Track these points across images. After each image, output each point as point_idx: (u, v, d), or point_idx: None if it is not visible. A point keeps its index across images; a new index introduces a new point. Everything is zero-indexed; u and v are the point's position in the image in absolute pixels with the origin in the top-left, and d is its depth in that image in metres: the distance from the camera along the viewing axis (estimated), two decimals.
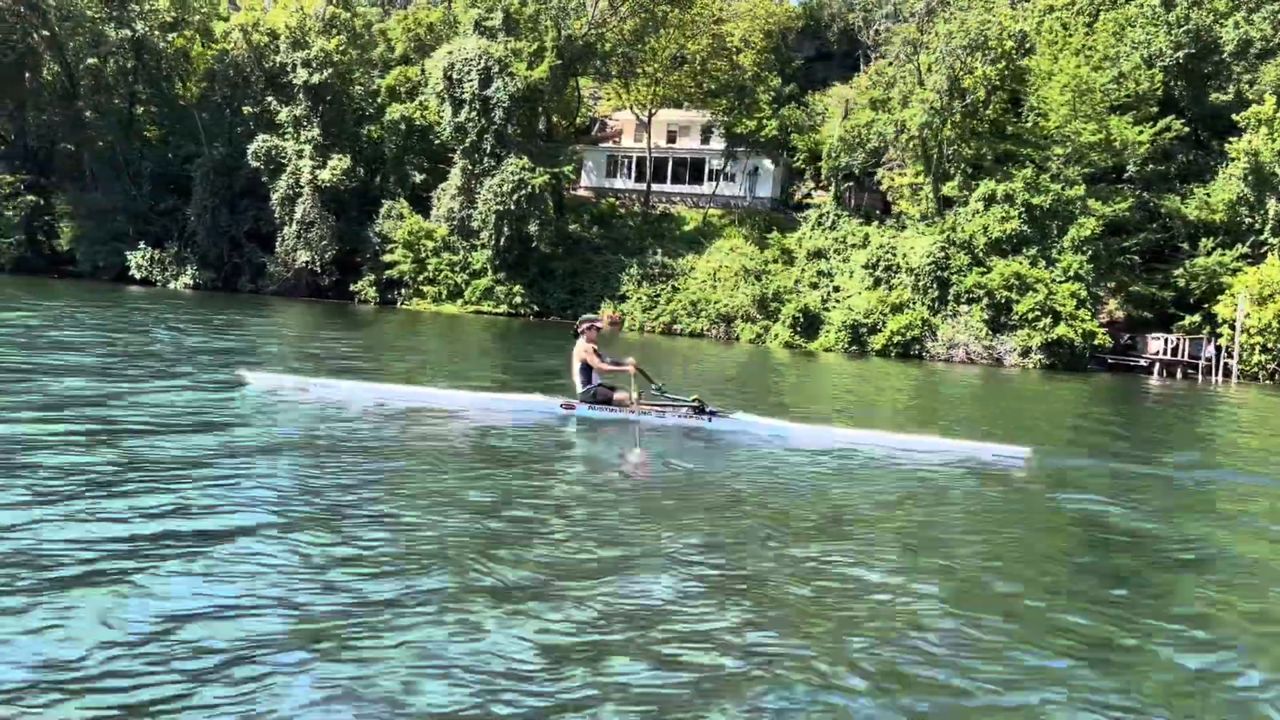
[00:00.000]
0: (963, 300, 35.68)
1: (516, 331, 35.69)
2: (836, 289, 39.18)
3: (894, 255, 37.59)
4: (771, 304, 37.79)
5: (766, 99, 52.15)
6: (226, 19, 52.13)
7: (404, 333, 29.71)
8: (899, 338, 35.03)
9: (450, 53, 45.48)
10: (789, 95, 55.74)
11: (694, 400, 10.42)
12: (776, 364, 27.14)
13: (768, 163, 55.14)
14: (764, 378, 21.69)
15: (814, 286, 39.80)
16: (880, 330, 35.66)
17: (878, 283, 37.61)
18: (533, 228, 44.91)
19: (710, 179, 57.10)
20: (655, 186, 56.13)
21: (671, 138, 59.40)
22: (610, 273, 46.87)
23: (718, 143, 57.94)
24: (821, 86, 61.03)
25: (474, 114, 45.04)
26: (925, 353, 35.48)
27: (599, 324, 10.74)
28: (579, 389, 10.41)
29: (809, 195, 60.31)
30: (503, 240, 45.03)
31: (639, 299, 45.28)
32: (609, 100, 61.37)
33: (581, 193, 57.42)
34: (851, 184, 43.60)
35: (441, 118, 47.43)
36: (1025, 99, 41.67)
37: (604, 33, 48.80)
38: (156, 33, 49.13)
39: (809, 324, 36.95)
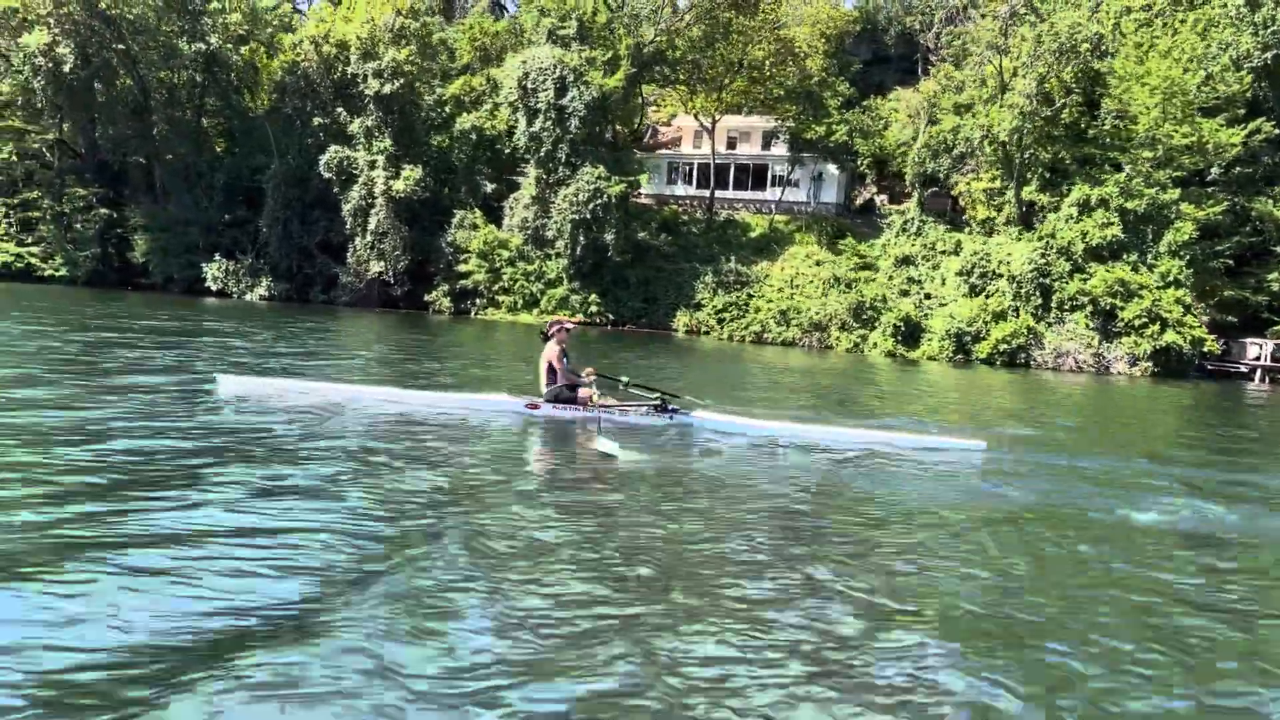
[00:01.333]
0: (1066, 307, 35.21)
1: (594, 340, 35.55)
2: (928, 296, 38.78)
3: (989, 262, 37.16)
4: (867, 312, 37.41)
5: (835, 104, 51.86)
6: (294, 30, 52.44)
7: (498, 341, 29.59)
8: (1004, 345, 34.58)
9: (524, 62, 45.42)
10: (850, 99, 55.45)
11: (655, 398, 10.91)
12: (880, 374, 26.82)
13: (832, 168, 54.83)
14: (868, 387, 21.46)
15: (904, 294, 39.42)
16: (984, 338, 35.23)
17: (974, 290, 37.19)
18: (609, 236, 44.81)
19: (773, 185, 56.89)
20: (717, 193, 55.96)
21: (731, 144, 59.16)
22: (684, 280, 46.69)
23: (779, 148, 57.73)
24: (878, 90, 60.70)
25: (549, 123, 44.97)
26: (1031, 361, 35.06)
27: (568, 326, 11.10)
28: (544, 389, 10.79)
29: (871, 200, 60.12)
30: (579, 249, 44.94)
31: (714, 307, 45.07)
32: (668, 106, 61.29)
33: (642, 200, 57.29)
34: (934, 189, 43.07)
35: (515, 126, 47.40)
36: (1100, 101, 41.23)
37: (674, 39, 48.67)
38: (229, 46, 49.37)
39: (910, 332, 36.58)
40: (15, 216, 48.00)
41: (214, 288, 47.80)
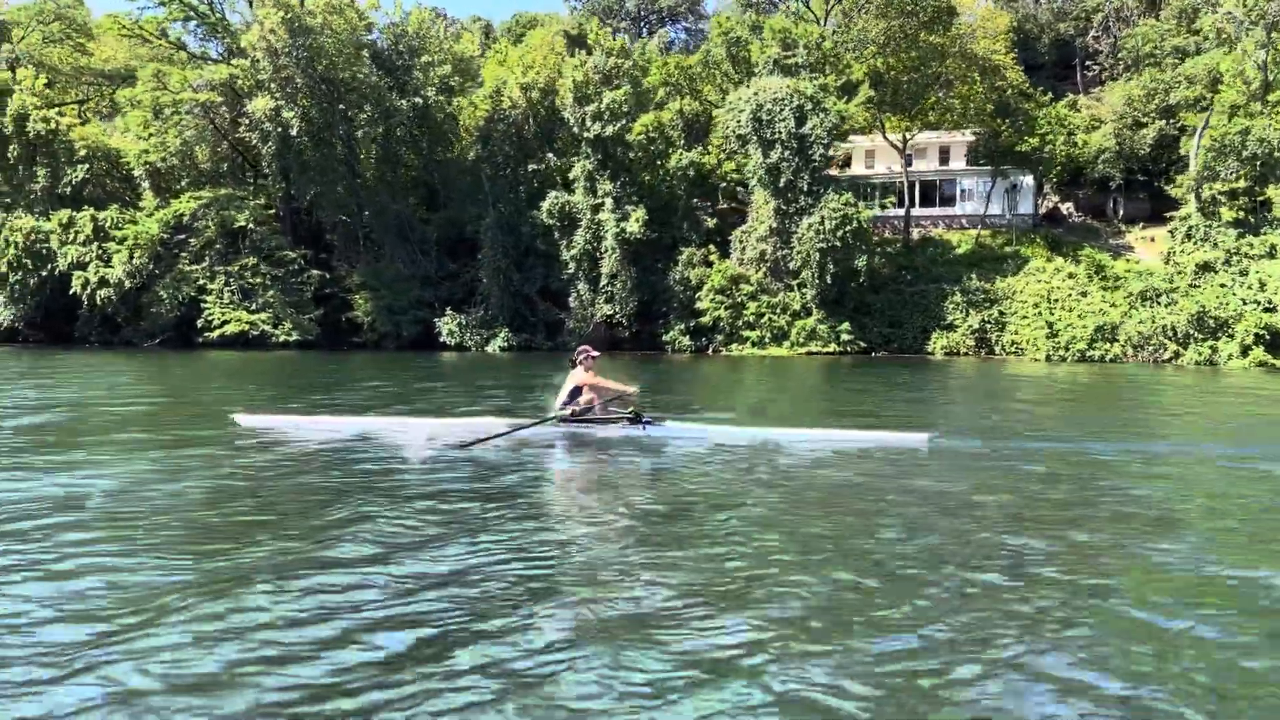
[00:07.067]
0: None
1: (852, 370, 34.61)
2: (1244, 302, 37.78)
3: None
4: (1209, 321, 36.39)
5: (1041, 114, 51.37)
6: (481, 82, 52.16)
7: (782, 376, 28.64)
8: None
9: (756, 94, 44.89)
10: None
11: (630, 412, 11.50)
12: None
13: (1028, 179, 54.24)
14: None
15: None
16: None
17: None
18: (859, 263, 44.05)
19: (962, 199, 56.30)
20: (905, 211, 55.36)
21: (909, 161, 58.67)
22: (930, 302, 45.90)
23: (956, 163, 57.26)
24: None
25: (788, 153, 44.36)
26: None
27: (595, 354, 11.72)
28: (557, 408, 11.52)
29: (1055, 208, 59.56)
30: (827, 278, 44.11)
31: (969, 327, 44.26)
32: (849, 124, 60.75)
33: None
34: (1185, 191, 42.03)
35: (744, 158, 46.88)
36: None
37: (890, 60, 48.29)
38: (441, 97, 48.98)
39: (1273, 340, 35.49)
40: (235, 284, 47.32)
41: (449, 342, 47.05)
